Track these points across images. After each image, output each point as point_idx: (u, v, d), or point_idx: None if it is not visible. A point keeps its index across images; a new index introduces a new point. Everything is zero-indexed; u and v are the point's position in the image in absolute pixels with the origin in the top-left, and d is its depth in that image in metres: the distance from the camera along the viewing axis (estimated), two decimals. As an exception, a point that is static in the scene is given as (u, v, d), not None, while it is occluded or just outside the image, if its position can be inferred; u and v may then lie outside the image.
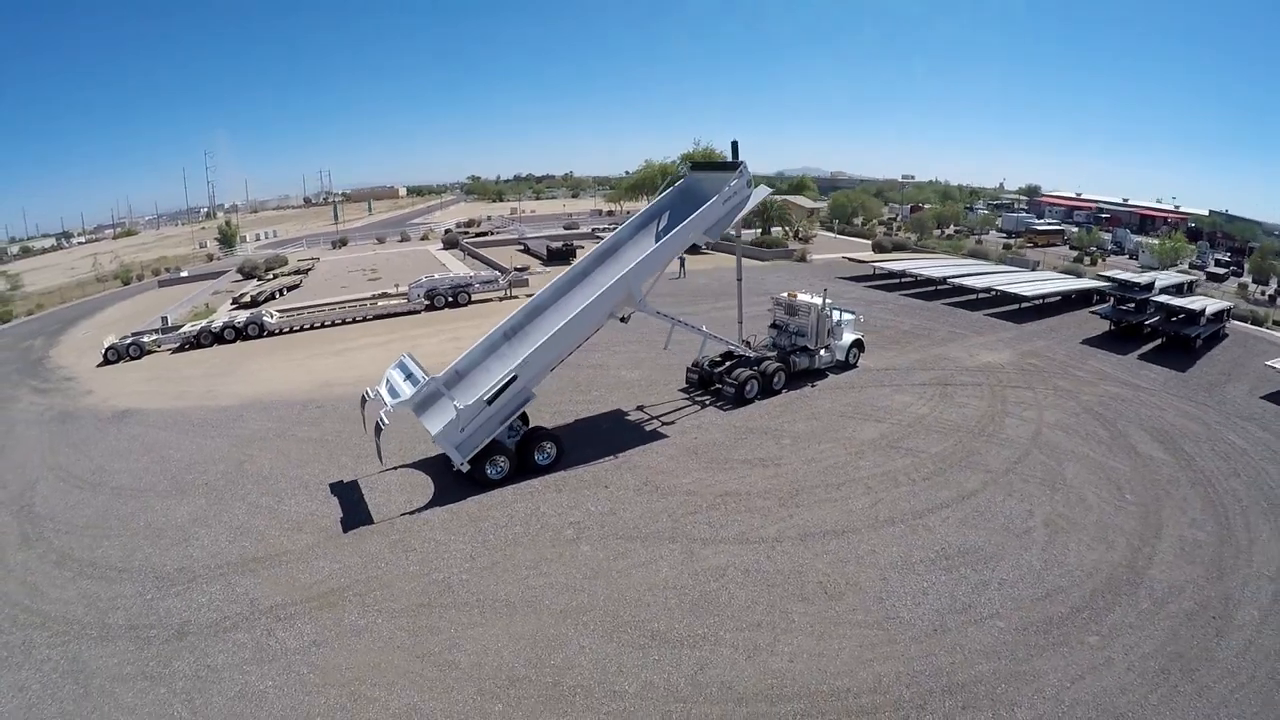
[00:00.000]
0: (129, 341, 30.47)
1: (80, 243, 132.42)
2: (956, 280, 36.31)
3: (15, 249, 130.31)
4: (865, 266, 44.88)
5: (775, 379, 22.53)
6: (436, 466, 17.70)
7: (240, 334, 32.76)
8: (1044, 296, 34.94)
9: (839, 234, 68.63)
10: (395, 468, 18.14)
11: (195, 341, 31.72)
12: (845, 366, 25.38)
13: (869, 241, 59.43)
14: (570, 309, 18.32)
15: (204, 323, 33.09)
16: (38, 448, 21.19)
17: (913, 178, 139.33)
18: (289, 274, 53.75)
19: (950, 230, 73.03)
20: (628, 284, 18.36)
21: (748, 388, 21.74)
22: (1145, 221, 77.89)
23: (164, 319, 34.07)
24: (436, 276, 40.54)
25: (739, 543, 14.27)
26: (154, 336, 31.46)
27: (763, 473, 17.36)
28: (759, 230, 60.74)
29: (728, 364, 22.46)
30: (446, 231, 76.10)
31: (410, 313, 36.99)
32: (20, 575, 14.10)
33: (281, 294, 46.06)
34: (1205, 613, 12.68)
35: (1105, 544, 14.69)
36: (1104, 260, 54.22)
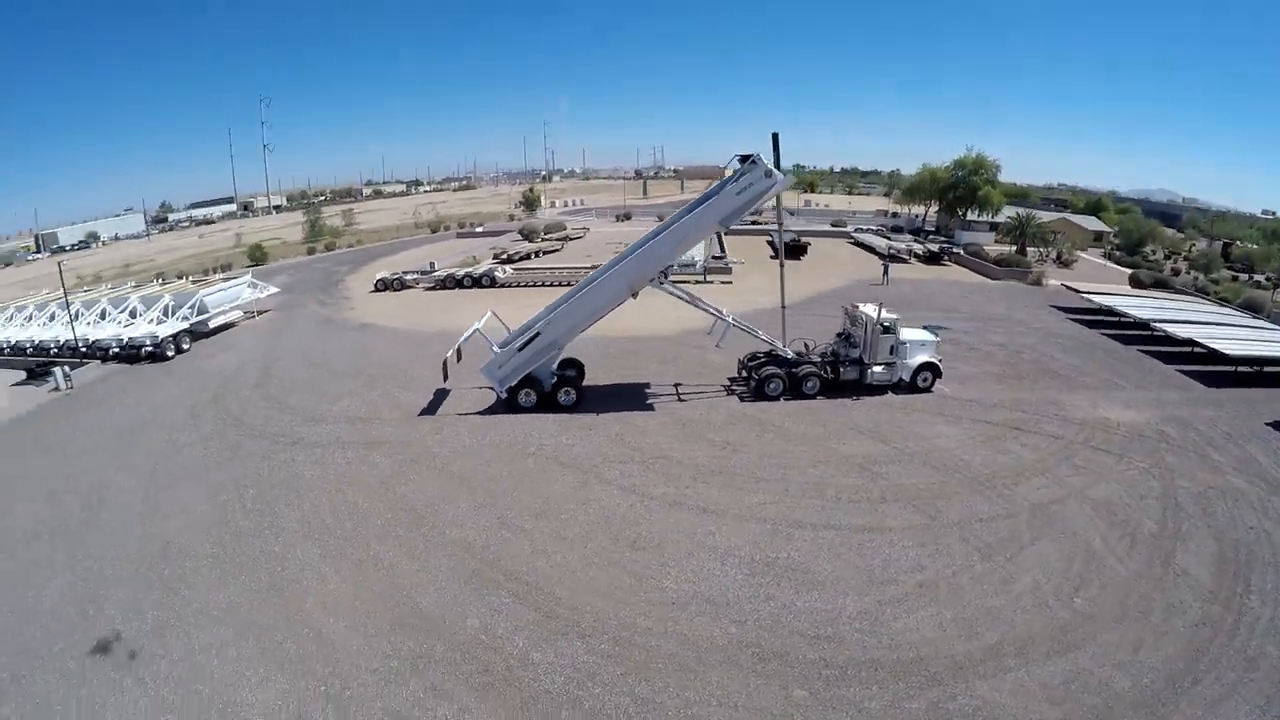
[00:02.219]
0: (394, 277, 45.01)
1: (424, 191, 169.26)
2: (1159, 325, 31.69)
3: (368, 191, 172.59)
4: (1084, 298, 40.50)
5: (807, 383, 25.08)
6: (501, 391, 25.38)
7: (476, 283, 45.25)
8: (1259, 361, 28.55)
9: (1115, 263, 59.32)
10: (479, 387, 26.51)
11: (442, 284, 45.07)
12: (913, 389, 25.74)
13: (1128, 273, 51.51)
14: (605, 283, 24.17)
15: (452, 270, 46.45)
16: (298, 337, 35.25)
17: (1273, 213, 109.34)
18: (558, 239, 66.87)
19: (1265, 275, 58.45)
20: (639, 268, 23.75)
21: (770, 385, 24.93)
22: None
23: (431, 264, 48.45)
24: (639, 255, 48.77)
25: (622, 489, 18.89)
26: (414, 276, 45.65)
27: (712, 451, 21.16)
28: (1013, 247, 56.56)
29: (761, 360, 25.91)
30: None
31: (607, 282, 45.74)
32: (241, 402, 26.30)
33: (538, 255, 58.88)
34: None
35: (966, 633, 12.77)
36: None
